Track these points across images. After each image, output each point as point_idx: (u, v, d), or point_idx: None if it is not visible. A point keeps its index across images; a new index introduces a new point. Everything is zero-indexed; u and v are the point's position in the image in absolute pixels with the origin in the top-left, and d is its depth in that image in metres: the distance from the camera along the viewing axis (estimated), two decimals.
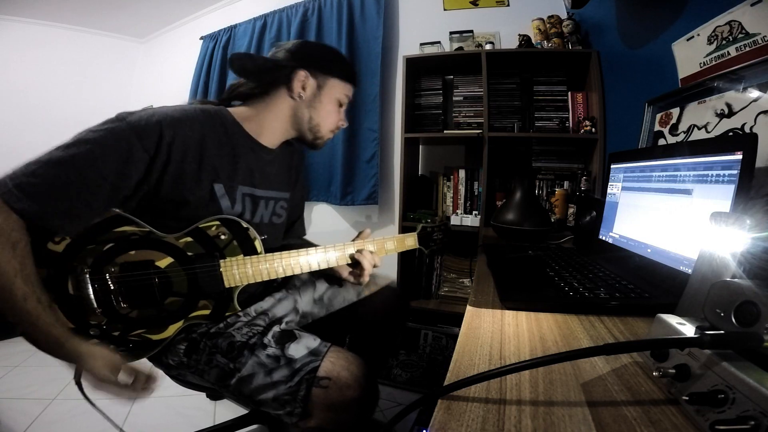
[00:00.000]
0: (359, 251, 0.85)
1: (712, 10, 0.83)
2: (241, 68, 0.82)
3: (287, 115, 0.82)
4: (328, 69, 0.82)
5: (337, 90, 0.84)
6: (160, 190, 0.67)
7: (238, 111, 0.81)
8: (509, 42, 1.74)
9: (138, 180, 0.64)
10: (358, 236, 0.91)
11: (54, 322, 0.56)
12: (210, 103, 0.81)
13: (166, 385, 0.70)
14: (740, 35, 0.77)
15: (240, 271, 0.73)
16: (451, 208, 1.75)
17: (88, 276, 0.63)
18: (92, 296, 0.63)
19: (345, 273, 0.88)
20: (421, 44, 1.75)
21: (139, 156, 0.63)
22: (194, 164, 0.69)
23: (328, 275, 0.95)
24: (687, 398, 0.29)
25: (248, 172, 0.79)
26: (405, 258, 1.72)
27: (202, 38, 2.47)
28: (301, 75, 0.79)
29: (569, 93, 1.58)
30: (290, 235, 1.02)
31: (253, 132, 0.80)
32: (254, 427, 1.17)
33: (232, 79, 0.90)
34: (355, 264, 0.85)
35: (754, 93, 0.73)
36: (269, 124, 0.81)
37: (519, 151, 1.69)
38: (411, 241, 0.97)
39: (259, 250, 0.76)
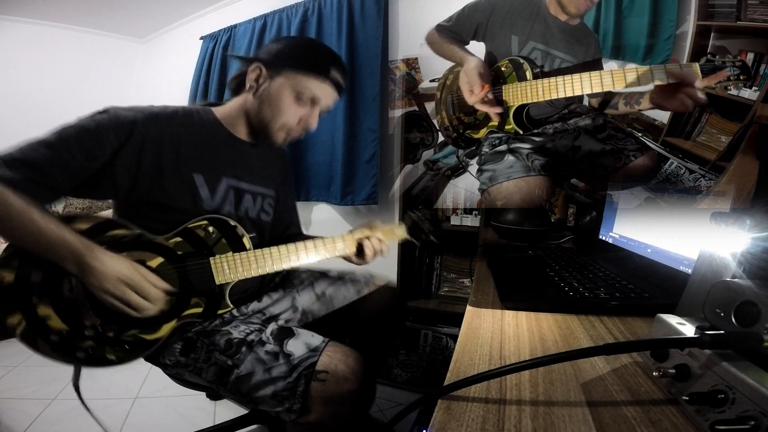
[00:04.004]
0: (366, 237, 0.85)
1: None
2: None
3: (242, 109, 0.81)
4: (282, 60, 0.77)
5: (292, 81, 0.76)
6: (139, 182, 0.71)
7: (219, 109, 0.84)
8: None
9: (104, 162, 0.68)
10: (364, 226, 0.91)
11: (72, 235, 0.61)
12: (206, 104, 0.85)
13: (166, 385, 0.70)
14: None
15: (230, 267, 0.75)
16: (451, 208, 1.75)
17: None
18: (86, 298, 0.65)
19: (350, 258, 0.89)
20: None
21: (110, 141, 0.68)
22: (172, 155, 0.73)
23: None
24: (687, 398, 0.29)
25: (230, 165, 0.81)
26: (405, 258, 1.72)
27: (202, 38, 2.47)
28: (254, 67, 0.77)
29: None
30: (286, 234, 1.02)
31: (230, 127, 0.83)
32: (254, 427, 1.17)
33: None
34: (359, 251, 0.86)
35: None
36: (237, 118, 0.82)
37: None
38: (400, 231, 0.97)
39: (247, 247, 0.78)
